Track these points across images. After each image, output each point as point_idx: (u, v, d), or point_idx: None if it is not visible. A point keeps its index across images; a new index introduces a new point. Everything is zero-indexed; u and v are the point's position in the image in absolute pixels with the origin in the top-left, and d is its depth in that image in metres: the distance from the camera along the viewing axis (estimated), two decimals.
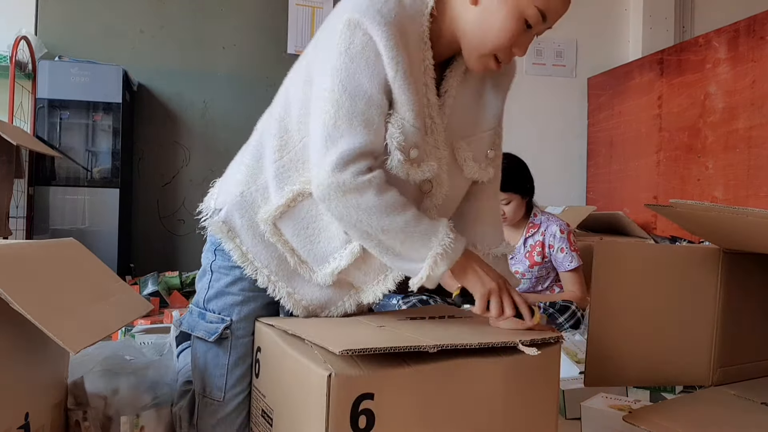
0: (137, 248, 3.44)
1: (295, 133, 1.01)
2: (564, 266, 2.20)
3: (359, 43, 0.90)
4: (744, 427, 1.05)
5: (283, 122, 1.02)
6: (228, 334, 1.06)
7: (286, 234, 1.03)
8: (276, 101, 1.08)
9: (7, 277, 0.78)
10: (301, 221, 1.02)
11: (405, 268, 0.97)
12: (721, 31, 3.02)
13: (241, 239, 1.05)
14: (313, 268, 1.04)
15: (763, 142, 2.75)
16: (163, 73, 3.47)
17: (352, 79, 0.90)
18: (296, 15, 3.64)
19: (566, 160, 4.10)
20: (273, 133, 1.03)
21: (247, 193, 1.04)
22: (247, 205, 1.04)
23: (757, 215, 0.95)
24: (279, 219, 1.02)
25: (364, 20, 0.90)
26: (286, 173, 1.01)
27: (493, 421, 0.90)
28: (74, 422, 1.05)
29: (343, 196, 0.90)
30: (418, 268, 0.94)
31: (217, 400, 1.06)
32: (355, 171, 0.90)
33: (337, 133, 0.90)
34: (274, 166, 1.02)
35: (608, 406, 1.27)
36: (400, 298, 2.33)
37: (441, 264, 0.93)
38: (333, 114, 0.90)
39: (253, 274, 1.05)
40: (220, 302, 1.08)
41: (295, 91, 1.02)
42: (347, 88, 0.90)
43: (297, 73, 1.04)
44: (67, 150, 3.03)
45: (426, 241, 0.93)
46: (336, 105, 0.90)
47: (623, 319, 1.19)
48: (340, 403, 0.78)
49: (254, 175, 1.05)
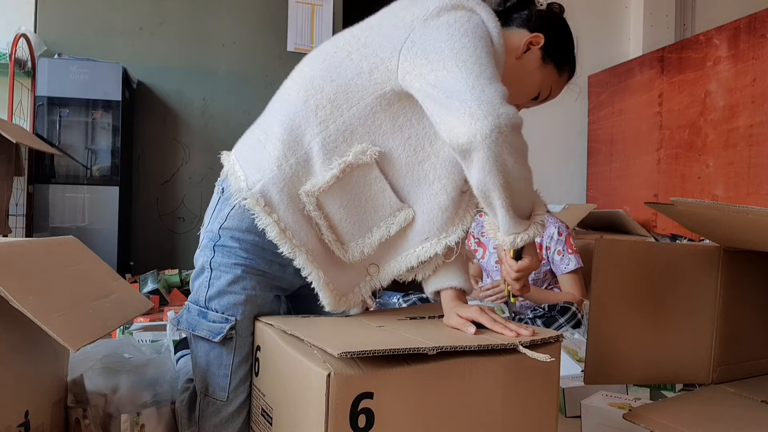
0: (137, 246, 3.44)
1: (342, 103, 1.00)
2: (561, 269, 2.20)
3: (474, 21, 0.96)
4: (744, 424, 1.05)
5: (325, 93, 1.00)
6: (233, 335, 1.04)
7: (329, 207, 1.02)
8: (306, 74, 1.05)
9: (7, 275, 0.78)
10: (350, 192, 1.02)
11: (512, 223, 0.98)
12: (721, 29, 3.01)
13: (278, 215, 1.02)
14: (349, 245, 1.05)
15: (763, 140, 2.75)
16: (163, 71, 3.47)
17: (482, 51, 0.93)
18: (296, 12, 3.63)
19: (567, 158, 4.10)
20: (314, 104, 1.01)
21: (285, 166, 1.02)
22: (286, 179, 1.02)
23: (758, 213, 0.95)
24: (326, 192, 1.01)
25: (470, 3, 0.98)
26: (334, 143, 1.00)
27: (493, 420, 0.90)
28: (74, 420, 1.05)
29: (511, 131, 0.87)
30: (523, 226, 0.99)
31: (220, 400, 1.05)
32: (516, 109, 0.90)
33: (487, 79, 0.90)
34: (320, 137, 1.00)
35: (608, 405, 1.27)
36: (400, 297, 2.33)
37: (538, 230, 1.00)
38: (478, 70, 0.90)
39: (291, 254, 1.02)
40: (222, 301, 1.06)
41: (345, 64, 1.01)
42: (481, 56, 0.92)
43: (345, 47, 1.03)
44: (67, 148, 3.03)
45: (535, 199, 1.01)
46: (479, 66, 0.91)
47: (623, 316, 1.19)
48: (339, 403, 0.78)
49: (292, 148, 1.02)
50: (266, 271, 1.08)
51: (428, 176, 1.03)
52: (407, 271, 1.08)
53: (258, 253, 1.06)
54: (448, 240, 1.05)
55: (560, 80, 1.14)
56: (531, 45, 1.08)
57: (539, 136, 3.97)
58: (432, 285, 1.12)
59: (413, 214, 1.04)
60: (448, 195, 1.03)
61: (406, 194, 1.04)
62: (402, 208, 1.04)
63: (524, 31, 1.08)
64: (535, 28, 1.08)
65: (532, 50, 1.08)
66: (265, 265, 1.07)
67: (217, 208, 1.10)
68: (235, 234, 1.06)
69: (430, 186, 1.03)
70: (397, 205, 1.03)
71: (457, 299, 1.09)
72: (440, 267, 1.11)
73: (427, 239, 1.05)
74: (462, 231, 1.06)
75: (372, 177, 1.01)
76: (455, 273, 1.11)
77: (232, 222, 1.06)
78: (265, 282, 1.08)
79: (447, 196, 1.03)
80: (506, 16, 1.09)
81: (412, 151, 1.02)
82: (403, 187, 1.03)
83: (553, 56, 1.09)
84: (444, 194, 1.03)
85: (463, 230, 1.06)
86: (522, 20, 1.09)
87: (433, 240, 1.05)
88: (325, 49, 1.07)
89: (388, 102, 0.99)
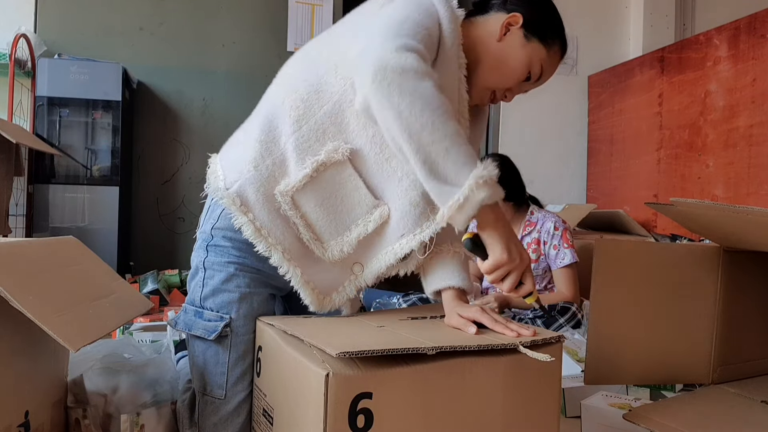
0: (137, 246, 3.44)
1: (314, 103, 1.01)
2: (557, 263, 2.20)
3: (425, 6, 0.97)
4: (744, 425, 1.05)
5: (299, 93, 1.02)
6: (228, 332, 1.05)
7: (304, 206, 1.03)
8: (286, 76, 1.07)
9: (7, 275, 0.78)
10: (323, 191, 1.02)
11: (438, 189, 0.88)
12: (721, 29, 3.01)
13: (254, 214, 1.03)
14: (328, 243, 1.04)
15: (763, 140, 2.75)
16: (163, 71, 3.47)
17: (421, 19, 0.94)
18: (296, 12, 3.64)
19: (567, 158, 4.10)
20: (288, 105, 1.02)
21: (262, 167, 1.03)
22: (262, 179, 1.03)
23: (758, 213, 0.95)
24: (300, 191, 1.02)
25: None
26: (306, 143, 1.01)
27: (493, 421, 0.90)
28: (74, 420, 1.05)
29: (402, 74, 0.85)
30: (452, 193, 0.86)
31: (218, 399, 1.06)
32: (418, 57, 0.88)
33: (402, 31, 0.90)
34: (294, 137, 1.01)
35: (608, 405, 1.27)
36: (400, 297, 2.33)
37: (481, 190, 0.85)
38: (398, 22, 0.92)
39: (266, 252, 1.03)
40: (217, 300, 1.07)
41: (315, 63, 1.03)
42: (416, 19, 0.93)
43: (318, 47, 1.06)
44: (67, 148, 3.03)
45: (470, 161, 0.86)
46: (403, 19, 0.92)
47: (623, 317, 1.19)
48: (338, 403, 0.78)
49: (268, 149, 1.03)
50: (260, 268, 1.08)
51: (397, 173, 1.01)
52: (387, 268, 1.07)
53: (250, 251, 1.06)
54: (422, 236, 1.03)
55: (550, 57, 1.09)
56: (510, 26, 1.06)
57: (539, 136, 3.98)
58: (432, 285, 1.12)
59: (388, 211, 1.03)
60: (418, 190, 1.00)
61: (380, 191, 1.03)
62: (378, 205, 1.03)
63: (501, 13, 1.07)
64: (512, 9, 1.07)
65: (512, 31, 1.06)
66: (258, 262, 1.07)
67: (209, 209, 1.12)
68: (227, 233, 1.07)
69: (400, 182, 1.01)
70: (372, 202, 1.02)
71: (457, 299, 1.08)
72: (440, 266, 1.11)
73: (402, 236, 1.03)
74: (435, 227, 1.02)
75: (346, 175, 1.01)
76: (455, 272, 1.10)
77: (223, 222, 1.07)
78: (259, 279, 1.09)
79: (417, 191, 1.00)
80: (483, 6, 1.09)
81: (378, 149, 1.00)
82: (377, 184, 1.02)
83: (535, 32, 1.07)
84: (414, 190, 1.01)
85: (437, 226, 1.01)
86: (499, 5, 1.08)
87: (409, 236, 1.03)
88: (305, 48, 1.09)
89: (351, 99, 0.98)
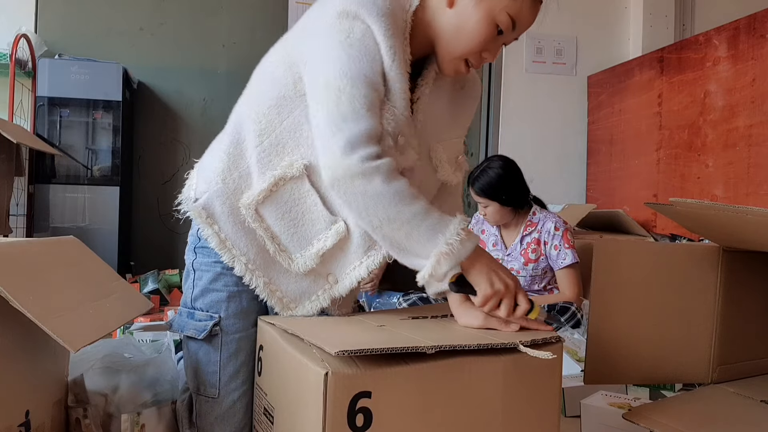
0: (137, 246, 3.44)
1: (274, 117, 1.01)
2: (558, 264, 2.21)
3: (358, 32, 0.93)
4: (744, 424, 1.05)
5: (261, 107, 1.02)
6: (218, 331, 1.06)
7: (268, 219, 1.03)
8: (252, 87, 1.08)
9: (7, 275, 0.78)
10: (284, 205, 1.02)
11: (410, 263, 0.96)
12: (721, 29, 3.01)
13: (219, 226, 1.04)
14: (293, 255, 1.04)
15: (763, 140, 2.75)
16: (163, 71, 3.47)
17: (353, 66, 0.92)
18: (296, 13, 3.64)
19: (566, 158, 4.10)
20: (252, 119, 1.03)
21: (229, 180, 1.04)
22: (229, 192, 1.04)
23: (757, 213, 0.95)
24: (261, 204, 1.02)
25: (361, 11, 0.92)
26: (267, 158, 1.01)
27: (493, 420, 0.90)
28: (75, 420, 1.05)
29: (351, 181, 0.90)
30: (422, 265, 0.93)
31: (212, 397, 1.06)
32: (363, 156, 0.90)
33: (341, 117, 0.91)
34: (256, 151, 1.02)
35: (608, 404, 1.27)
36: (400, 296, 2.33)
37: (444, 263, 0.92)
38: (335, 100, 0.91)
39: (231, 262, 1.04)
40: (206, 300, 1.08)
41: (275, 76, 1.03)
42: (348, 74, 0.91)
43: (275, 58, 1.05)
44: (67, 148, 3.03)
45: (432, 237, 0.92)
46: (338, 92, 0.91)
47: (623, 316, 1.19)
48: (337, 402, 0.78)
49: (235, 162, 1.05)
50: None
51: None
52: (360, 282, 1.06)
53: None
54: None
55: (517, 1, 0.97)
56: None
57: (539, 136, 3.98)
58: (434, 287, 1.11)
59: (345, 227, 1.02)
60: None
61: (338, 207, 1.02)
62: (335, 221, 1.02)
63: None
64: None
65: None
66: None
67: None
68: None
69: None
70: (329, 218, 1.02)
71: (464, 300, 1.08)
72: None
73: (369, 248, 1.03)
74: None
75: (305, 190, 1.01)
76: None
77: None
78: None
79: None
80: None
81: None
82: (335, 200, 1.01)
83: None
84: None
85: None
86: None
87: (376, 247, 1.02)
88: (265, 60, 1.09)
89: (307, 114, 0.98)
